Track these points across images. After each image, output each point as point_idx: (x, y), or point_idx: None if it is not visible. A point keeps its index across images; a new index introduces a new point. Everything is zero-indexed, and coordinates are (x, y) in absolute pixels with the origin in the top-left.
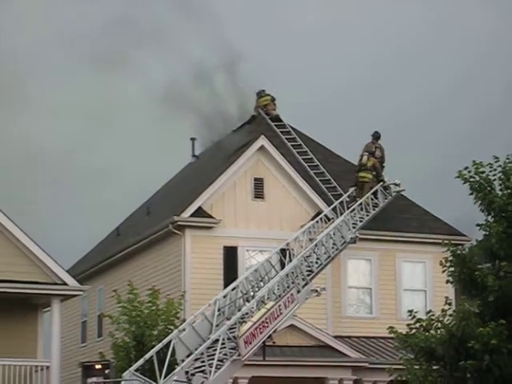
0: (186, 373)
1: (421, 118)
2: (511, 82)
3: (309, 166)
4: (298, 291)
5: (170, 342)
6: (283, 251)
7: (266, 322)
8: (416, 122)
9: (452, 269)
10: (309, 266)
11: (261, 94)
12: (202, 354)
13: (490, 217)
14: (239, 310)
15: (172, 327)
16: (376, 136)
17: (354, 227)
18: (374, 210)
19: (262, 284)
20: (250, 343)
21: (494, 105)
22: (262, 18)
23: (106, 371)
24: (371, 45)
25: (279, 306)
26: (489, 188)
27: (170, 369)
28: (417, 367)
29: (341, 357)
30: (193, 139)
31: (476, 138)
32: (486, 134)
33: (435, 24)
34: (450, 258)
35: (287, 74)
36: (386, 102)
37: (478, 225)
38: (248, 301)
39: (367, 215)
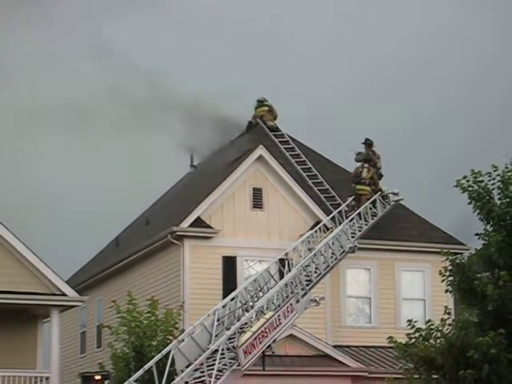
0: (186, 383)
1: (419, 127)
2: (511, 92)
3: (307, 175)
4: (297, 301)
5: (170, 352)
6: (282, 261)
7: (266, 332)
8: (415, 131)
9: (451, 278)
10: (308, 276)
11: (258, 104)
12: (202, 364)
13: (488, 226)
14: (238, 320)
15: (171, 337)
16: (369, 143)
17: (352, 236)
18: (372, 219)
19: (261, 294)
20: (250, 353)
21: (493, 114)
22: (264, 34)
23: (106, 382)
24: (371, 57)
25: (278, 315)
26: (487, 197)
27: (170, 379)
28: (416, 377)
29: (340, 366)
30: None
31: (475, 147)
32: (485, 143)
33: (433, 38)
34: (450, 268)
35: (287, 86)
36: (384, 112)
37: (476, 234)
38: (247, 311)
39: (366, 224)
